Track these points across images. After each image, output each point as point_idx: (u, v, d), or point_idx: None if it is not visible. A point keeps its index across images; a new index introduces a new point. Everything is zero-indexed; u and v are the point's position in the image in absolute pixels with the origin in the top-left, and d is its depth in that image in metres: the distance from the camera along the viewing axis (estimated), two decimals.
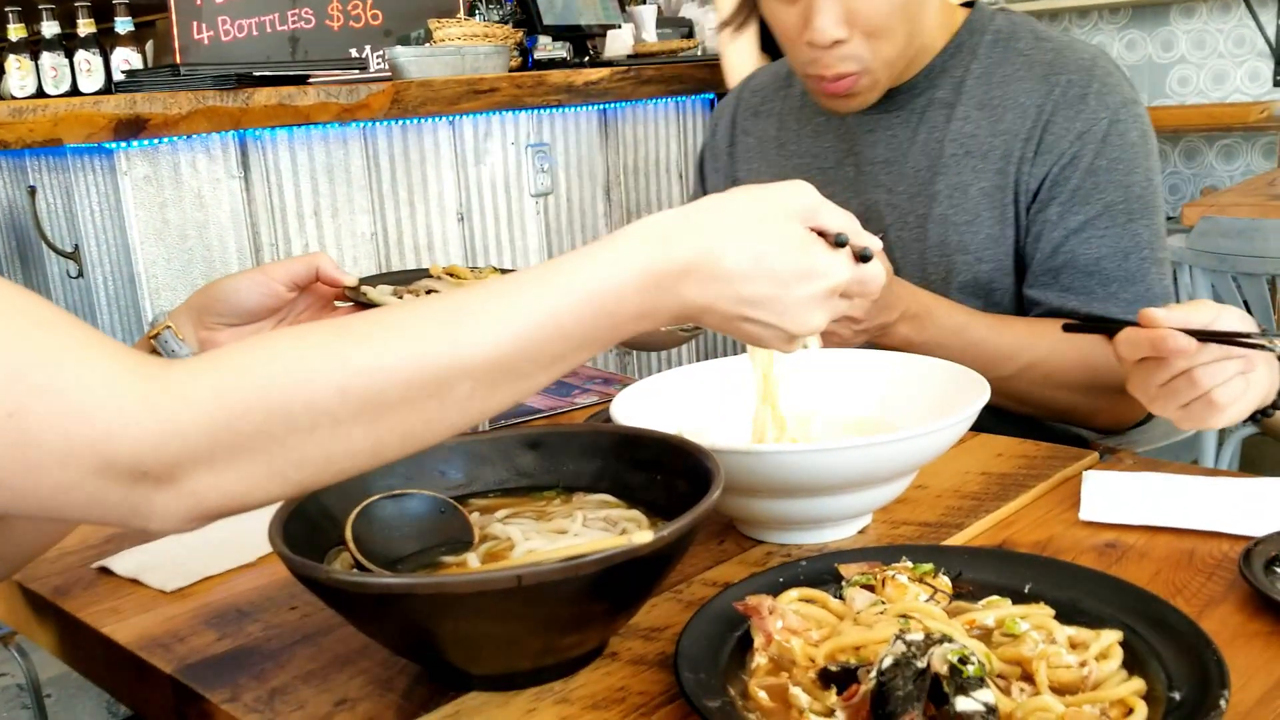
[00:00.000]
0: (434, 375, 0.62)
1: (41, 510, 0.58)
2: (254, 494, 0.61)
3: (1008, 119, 1.32)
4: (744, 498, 0.93)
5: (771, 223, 0.70)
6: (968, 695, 0.63)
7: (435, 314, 0.64)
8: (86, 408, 0.56)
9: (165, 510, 0.59)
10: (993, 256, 1.33)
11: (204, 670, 0.82)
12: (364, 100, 2.40)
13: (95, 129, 2.11)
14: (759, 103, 1.56)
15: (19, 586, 1.00)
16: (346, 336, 0.62)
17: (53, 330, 0.58)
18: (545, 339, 0.65)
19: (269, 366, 0.60)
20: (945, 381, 1.03)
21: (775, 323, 0.71)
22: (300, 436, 0.60)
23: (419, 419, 0.63)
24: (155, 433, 0.57)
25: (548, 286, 0.65)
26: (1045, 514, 1.00)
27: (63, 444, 0.56)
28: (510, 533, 0.83)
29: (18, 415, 0.55)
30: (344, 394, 0.61)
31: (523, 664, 0.76)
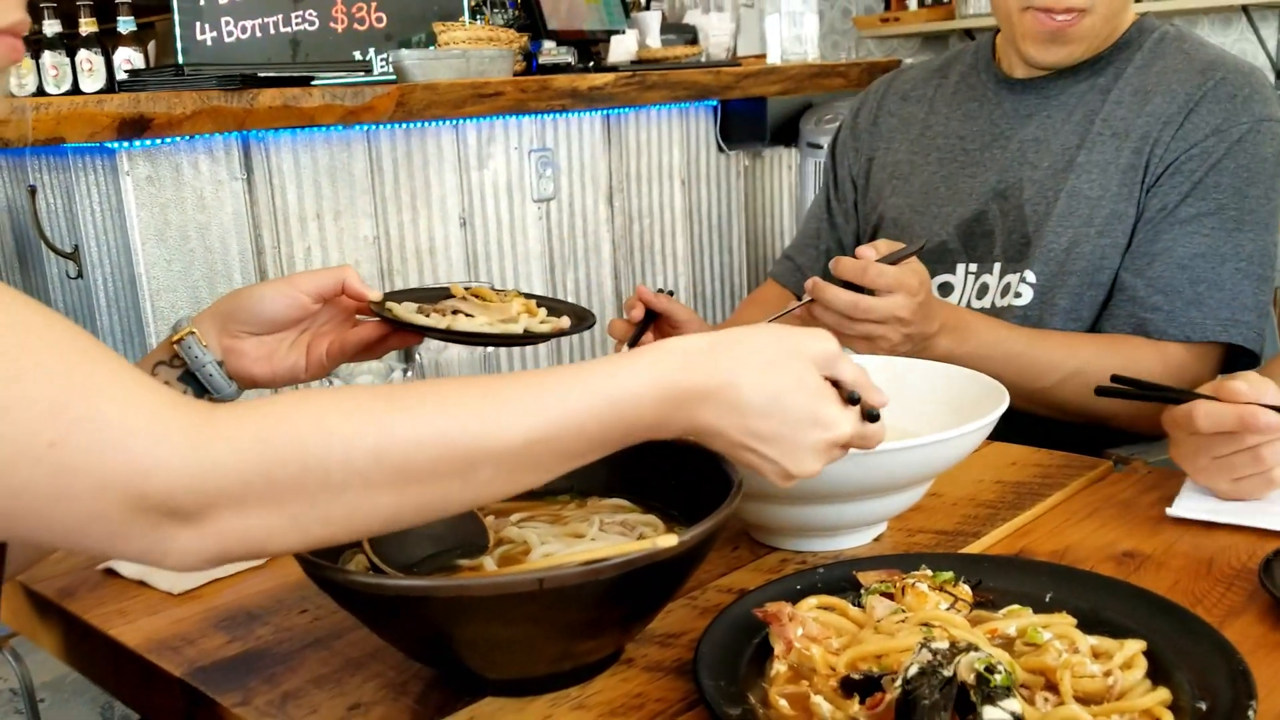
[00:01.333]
0: (463, 455, 0.64)
1: (64, 541, 0.59)
2: (273, 542, 0.62)
3: (1155, 101, 1.35)
4: (760, 504, 0.92)
5: (791, 365, 0.73)
6: (995, 705, 0.63)
7: (473, 396, 0.66)
8: (126, 441, 0.57)
9: (184, 549, 0.60)
10: (1111, 233, 1.35)
11: (214, 673, 0.81)
12: (369, 103, 2.40)
13: (98, 128, 2.10)
14: (909, 89, 1.61)
15: (23, 588, 0.99)
16: (388, 404, 0.64)
17: (95, 363, 0.59)
18: (567, 437, 0.67)
19: (313, 421, 0.61)
20: (962, 389, 1.02)
21: (776, 459, 0.73)
22: (331, 494, 0.62)
23: (439, 494, 0.65)
24: (193, 471, 0.58)
25: (575, 388, 0.68)
26: (1062, 523, 0.99)
27: (100, 474, 0.57)
28: (526, 536, 0.83)
29: (59, 446, 0.56)
30: (379, 460, 0.62)
31: (539, 669, 0.75)
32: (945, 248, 1.46)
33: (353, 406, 0.63)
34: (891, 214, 1.52)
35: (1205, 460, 0.97)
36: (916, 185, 1.51)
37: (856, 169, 1.61)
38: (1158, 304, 1.31)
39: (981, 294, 1.43)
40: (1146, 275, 1.32)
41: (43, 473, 0.56)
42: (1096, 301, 1.36)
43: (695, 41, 3.41)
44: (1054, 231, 1.37)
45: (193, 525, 0.59)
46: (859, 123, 1.64)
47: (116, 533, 0.58)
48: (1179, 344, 1.30)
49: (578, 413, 0.67)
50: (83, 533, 0.58)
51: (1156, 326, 1.30)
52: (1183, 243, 1.31)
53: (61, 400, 0.56)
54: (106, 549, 0.60)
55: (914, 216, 1.49)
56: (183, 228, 2.33)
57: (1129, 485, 1.07)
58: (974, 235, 1.44)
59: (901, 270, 1.14)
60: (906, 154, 1.55)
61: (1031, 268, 1.38)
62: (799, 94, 3.22)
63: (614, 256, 3.07)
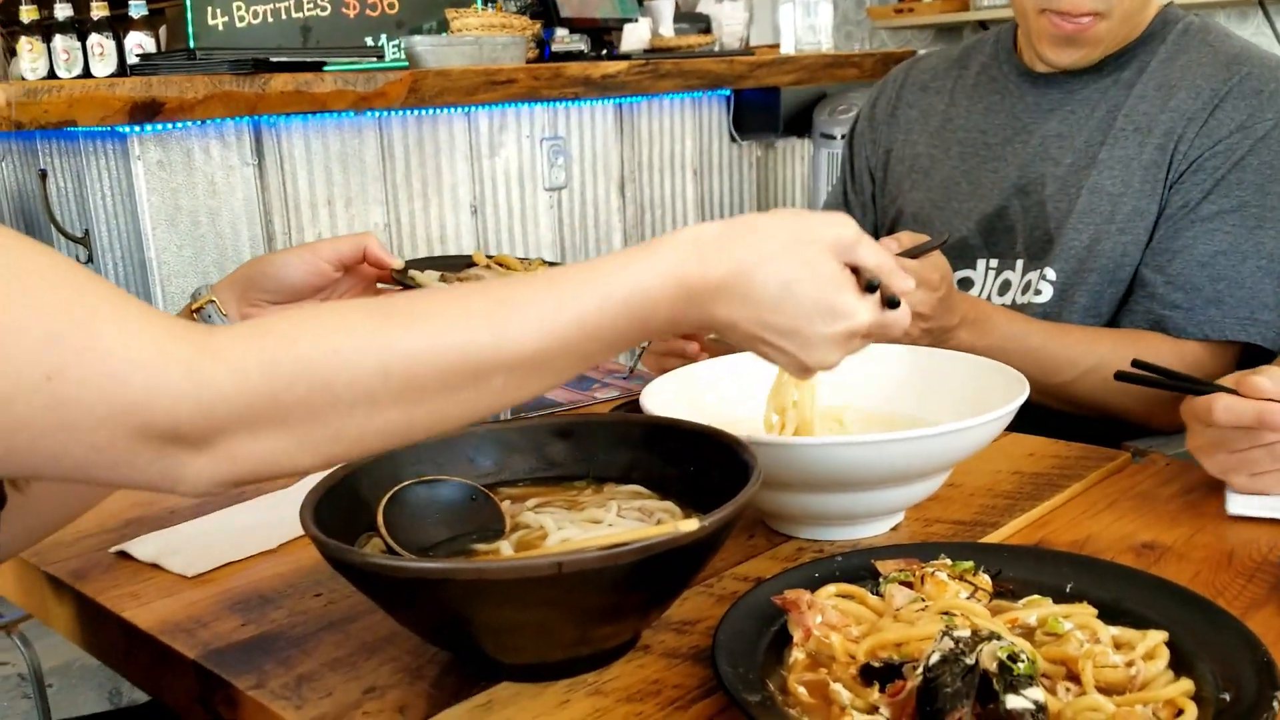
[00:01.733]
0: (474, 366, 0.63)
1: (70, 473, 0.58)
2: (285, 463, 0.62)
3: (1179, 97, 1.34)
4: (776, 491, 0.91)
5: (807, 253, 0.71)
6: (1018, 693, 0.62)
7: (478, 305, 0.65)
8: (126, 370, 0.56)
9: (197, 474, 0.59)
10: (1133, 229, 1.34)
11: (229, 656, 0.80)
12: (381, 89, 2.39)
13: (110, 111, 2.10)
14: (929, 79, 1.59)
15: (35, 569, 0.99)
16: (392, 319, 0.63)
17: (89, 294, 0.57)
18: (580, 339, 0.66)
19: (316, 342, 0.61)
20: (981, 379, 1.01)
21: (794, 352, 0.72)
22: (339, 413, 0.61)
23: (453, 406, 0.64)
24: (196, 397, 0.57)
25: (585, 289, 0.66)
26: (1080, 514, 0.98)
27: (100, 406, 0.56)
28: (543, 521, 0.82)
29: (56, 379, 0.55)
30: (386, 377, 0.61)
31: (556, 654, 0.74)
32: (966, 243, 1.45)
33: (356, 323, 0.62)
34: (911, 208, 1.51)
35: (1222, 454, 0.96)
36: (937, 179, 1.50)
37: (874, 161, 1.60)
38: (1177, 301, 1.30)
39: (1004, 290, 1.42)
40: (1167, 272, 1.31)
41: (41, 406, 0.55)
42: (1116, 298, 1.35)
43: (709, 30, 3.40)
44: (1075, 229, 1.36)
45: (202, 450, 0.59)
46: (877, 113, 1.62)
47: (123, 462, 0.58)
48: (1197, 342, 1.29)
49: (590, 315, 0.66)
50: (89, 464, 0.57)
51: (1175, 324, 1.30)
52: (1204, 240, 1.30)
53: (56, 331, 0.55)
54: (115, 479, 0.59)
55: (934, 211, 1.48)
56: (193, 213, 2.33)
57: (1148, 477, 1.06)
58: (995, 231, 1.43)
59: (922, 265, 1.13)
60: (926, 147, 1.53)
61: (1052, 265, 1.37)
62: (813, 84, 3.21)
63: (625, 246, 3.06)
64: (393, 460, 0.84)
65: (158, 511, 1.09)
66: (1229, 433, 0.95)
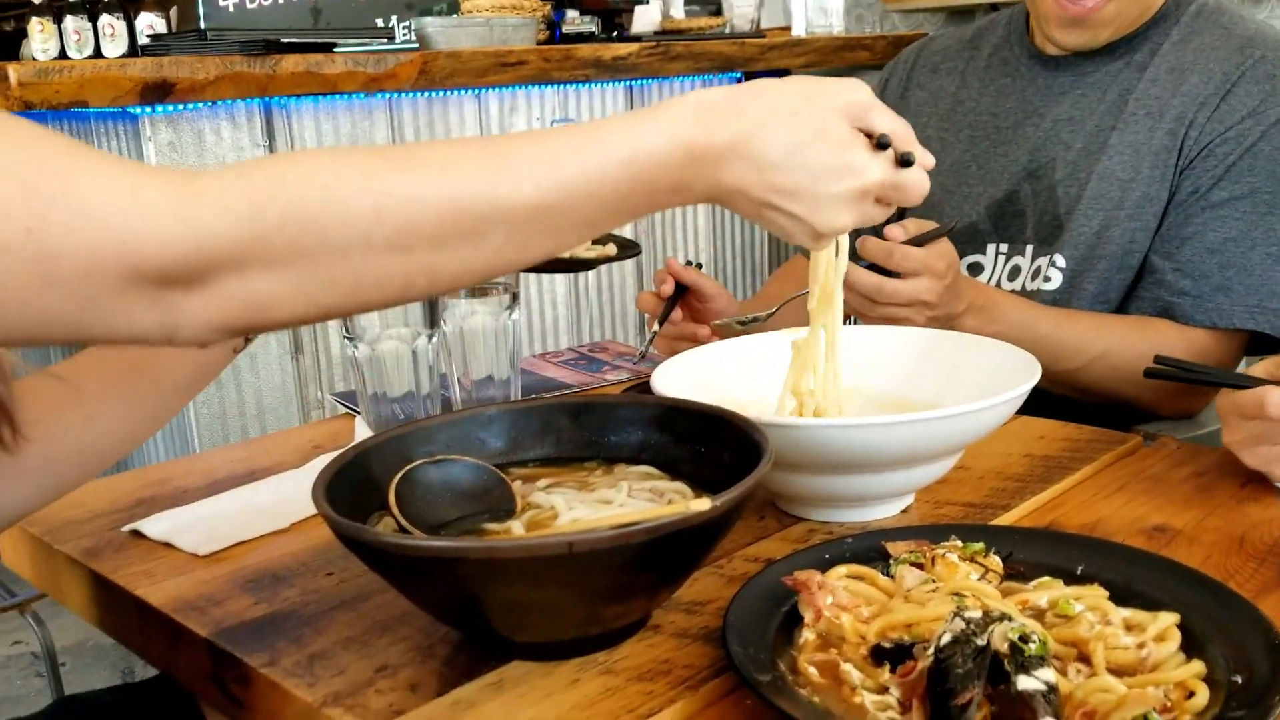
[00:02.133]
0: (470, 216, 0.62)
1: (67, 333, 0.57)
2: (281, 308, 0.60)
3: (1191, 81, 1.32)
4: (787, 473, 0.91)
5: (815, 114, 0.69)
6: (1029, 674, 0.62)
7: (476, 155, 0.63)
8: (108, 215, 0.55)
9: (194, 317, 0.58)
10: (1142, 215, 1.33)
11: (241, 634, 0.81)
12: (391, 70, 2.39)
13: (121, 92, 2.10)
14: (939, 61, 1.58)
15: (49, 548, 0.99)
16: (386, 163, 0.61)
17: (66, 148, 0.56)
18: (583, 198, 0.64)
19: (306, 181, 0.59)
20: (992, 362, 1.01)
21: (803, 216, 0.70)
22: (332, 255, 0.59)
23: (451, 258, 0.63)
24: (185, 238, 0.56)
25: (590, 147, 0.64)
26: (1091, 497, 0.98)
27: (85, 254, 0.54)
28: (554, 501, 0.82)
29: (36, 231, 0.53)
30: (379, 218, 0.60)
31: (566, 633, 0.74)
32: (975, 228, 1.44)
33: (348, 163, 0.60)
34: None
35: (1264, 447, 0.95)
36: (946, 163, 1.49)
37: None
38: (1185, 288, 1.29)
39: (1013, 276, 1.41)
40: (1176, 259, 1.30)
41: (23, 261, 0.53)
42: (1125, 285, 1.35)
43: (720, 12, 3.38)
44: (1084, 214, 1.35)
45: (195, 291, 0.57)
46: (887, 95, 1.61)
47: (117, 311, 0.56)
48: (1205, 329, 1.28)
49: (594, 174, 0.64)
50: (83, 320, 0.56)
51: (1183, 311, 1.29)
52: (1213, 227, 1.29)
53: (32, 181, 0.53)
54: (112, 333, 0.58)
55: (944, 196, 1.47)
56: None
57: (1158, 460, 1.06)
58: (1005, 215, 1.42)
59: (928, 253, 1.13)
60: (936, 130, 1.52)
61: (1062, 251, 1.36)
62: (823, 67, 3.19)
63: (634, 230, 3.05)
64: (404, 440, 0.85)
65: (170, 490, 1.09)
66: (1266, 425, 0.94)
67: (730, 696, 0.72)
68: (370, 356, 1.12)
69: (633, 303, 2.97)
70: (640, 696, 0.70)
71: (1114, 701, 0.63)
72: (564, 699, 0.71)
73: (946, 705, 0.61)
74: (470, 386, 1.19)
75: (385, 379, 1.14)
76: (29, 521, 1.03)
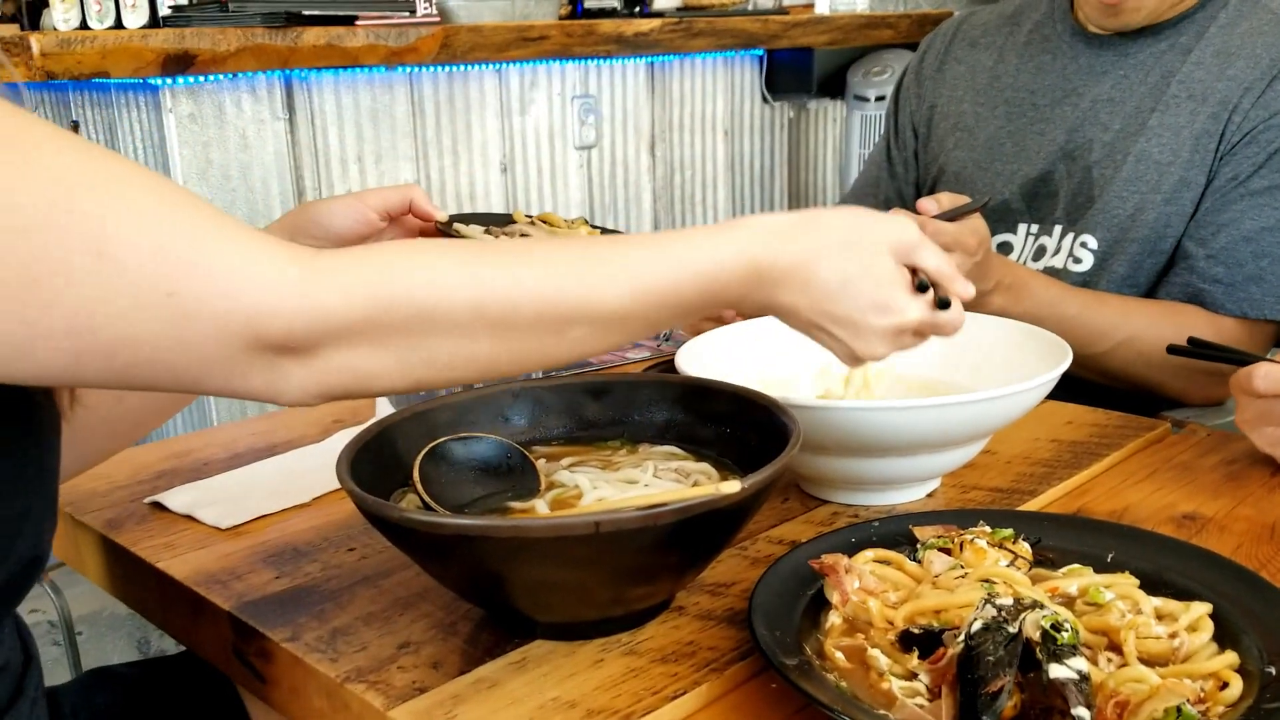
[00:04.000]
0: (560, 312, 0.68)
1: (185, 384, 0.61)
2: (381, 380, 0.65)
3: (1237, 65, 1.30)
4: (812, 455, 0.90)
5: (866, 251, 0.75)
6: (1061, 663, 0.61)
7: (571, 258, 0.69)
8: (242, 286, 0.59)
9: (300, 383, 0.63)
10: (1179, 200, 1.31)
11: (263, 608, 0.81)
12: (413, 44, 2.37)
13: (142, 63, 2.09)
14: (979, 35, 1.56)
15: (70, 518, 0.99)
16: (491, 258, 0.68)
17: (197, 209, 0.60)
18: (657, 303, 0.70)
19: (416, 272, 0.64)
20: (1022, 345, 1.00)
21: (847, 341, 0.76)
22: (434, 339, 0.65)
23: (536, 347, 0.68)
24: (306, 311, 0.61)
25: (665, 257, 0.71)
26: (1120, 483, 0.97)
27: (218, 321, 0.59)
28: (578, 480, 0.82)
29: (178, 295, 0.57)
30: (479, 311, 0.65)
31: (590, 614, 0.74)
32: (1008, 206, 1.42)
33: (457, 259, 0.66)
34: (954, 167, 1.48)
35: (1271, 428, 0.95)
36: (981, 139, 1.47)
37: (919, 116, 1.57)
38: (1218, 276, 1.27)
39: (1039, 255, 1.39)
40: (1210, 246, 1.28)
41: (164, 321, 0.57)
42: (1156, 269, 1.33)
43: None
44: (1119, 196, 1.33)
45: (307, 361, 0.62)
46: (924, 68, 1.59)
47: (235, 372, 0.61)
48: (1234, 319, 1.27)
49: (669, 282, 0.70)
50: (204, 375, 0.61)
51: (1214, 299, 1.27)
52: (1250, 215, 1.27)
53: (177, 249, 0.57)
54: (225, 388, 0.62)
55: (977, 172, 1.46)
56: (225, 167, 2.32)
57: (1187, 448, 1.05)
58: (1038, 196, 1.40)
59: (960, 229, 1.11)
60: (972, 105, 1.50)
61: (1093, 233, 1.34)
62: (847, 45, 3.16)
63: (654, 207, 3.04)
64: (427, 417, 0.84)
65: (191, 463, 1.09)
66: (1275, 405, 0.93)
67: (755, 680, 0.71)
68: None
69: None
70: (665, 678, 0.70)
71: (1147, 692, 0.62)
72: (588, 679, 0.70)
73: (977, 693, 0.61)
74: None
75: None
76: None
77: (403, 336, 0.64)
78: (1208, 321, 1.26)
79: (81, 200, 0.55)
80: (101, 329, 0.56)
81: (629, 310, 0.69)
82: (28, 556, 0.66)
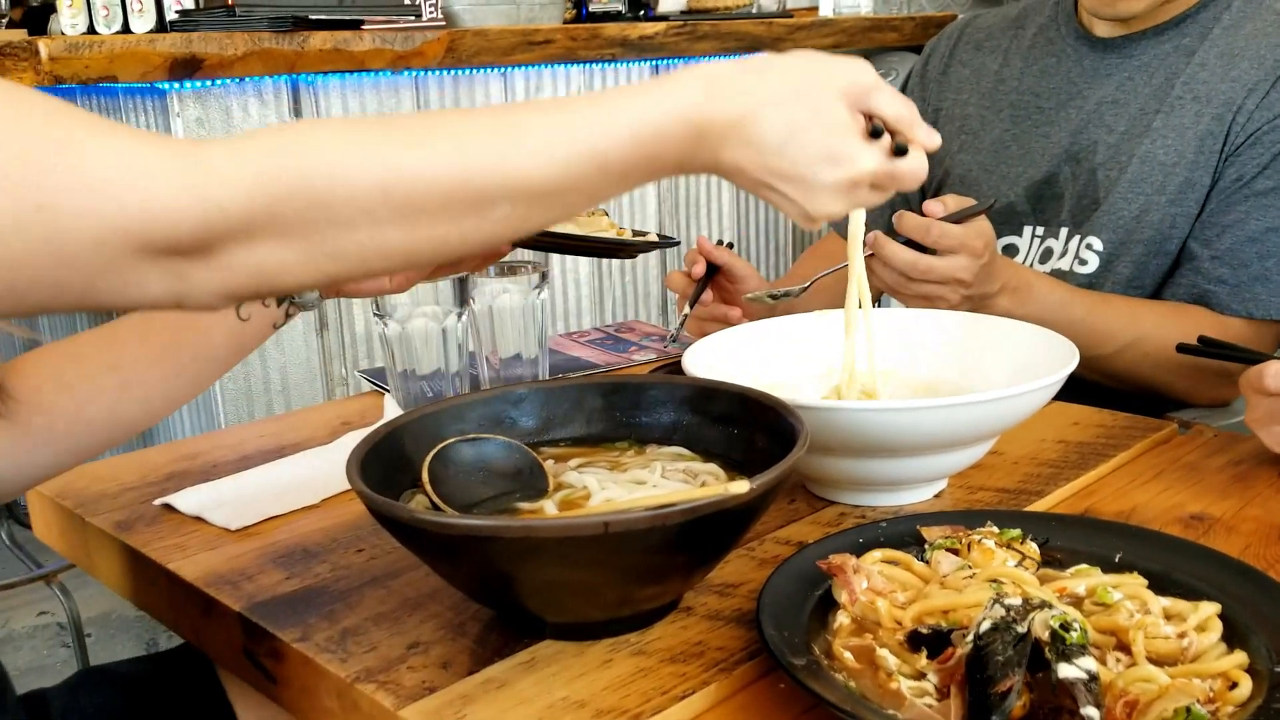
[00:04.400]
0: (477, 191, 0.62)
1: (76, 302, 0.57)
2: (287, 276, 0.61)
3: (1241, 67, 1.30)
4: (819, 456, 0.91)
5: (815, 97, 0.69)
6: (1070, 663, 0.61)
7: (484, 126, 0.63)
8: (118, 189, 0.54)
9: (202, 285, 0.59)
10: (1183, 201, 1.31)
11: (274, 609, 0.81)
12: (419, 48, 2.38)
13: (150, 68, 2.10)
14: (983, 38, 1.56)
15: (80, 520, 1.00)
16: (394, 136, 0.62)
17: (67, 118, 0.55)
18: (588, 171, 0.64)
19: (313, 155, 0.59)
20: (1029, 346, 1.00)
21: (796, 199, 0.71)
22: (338, 229, 0.60)
23: (455, 230, 0.63)
24: (192, 209, 0.56)
25: (595, 119, 0.65)
26: (1127, 484, 0.97)
27: (95, 229, 0.54)
28: (586, 481, 0.82)
29: (47, 208, 0.53)
30: (386, 195, 0.60)
31: (598, 614, 0.74)
32: (1013, 209, 1.42)
33: (356, 138, 0.61)
34: (959, 170, 1.49)
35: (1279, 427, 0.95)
36: (986, 142, 1.47)
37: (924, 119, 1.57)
38: (1223, 276, 1.28)
39: (1045, 258, 1.40)
40: (1214, 247, 1.28)
41: (37, 239, 0.53)
42: (1161, 270, 1.33)
43: None
44: (1124, 198, 1.33)
45: (202, 261, 0.58)
46: (929, 71, 1.60)
47: (127, 282, 0.57)
48: (1240, 319, 1.27)
49: (600, 146, 0.64)
50: (93, 289, 0.56)
51: (1219, 300, 1.28)
52: (1255, 216, 1.27)
53: (39, 158, 0.53)
54: (123, 301, 0.58)
55: (982, 175, 1.46)
56: None
57: (1195, 448, 1.05)
58: (1044, 198, 1.41)
59: (966, 231, 1.11)
60: (977, 108, 1.51)
61: (1099, 234, 1.35)
62: (851, 48, 3.16)
63: (659, 210, 3.04)
64: (436, 418, 0.84)
65: (200, 465, 1.10)
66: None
67: (764, 680, 0.71)
68: (400, 334, 1.12)
69: (656, 283, 2.95)
70: (673, 678, 0.70)
71: (1156, 692, 0.62)
72: (596, 679, 0.70)
73: (986, 693, 0.61)
74: (498, 365, 1.19)
75: (414, 356, 1.14)
76: (60, 494, 1.03)
77: (304, 228, 0.58)
78: (1214, 322, 1.26)
79: None
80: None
81: (557, 183, 0.63)
82: None
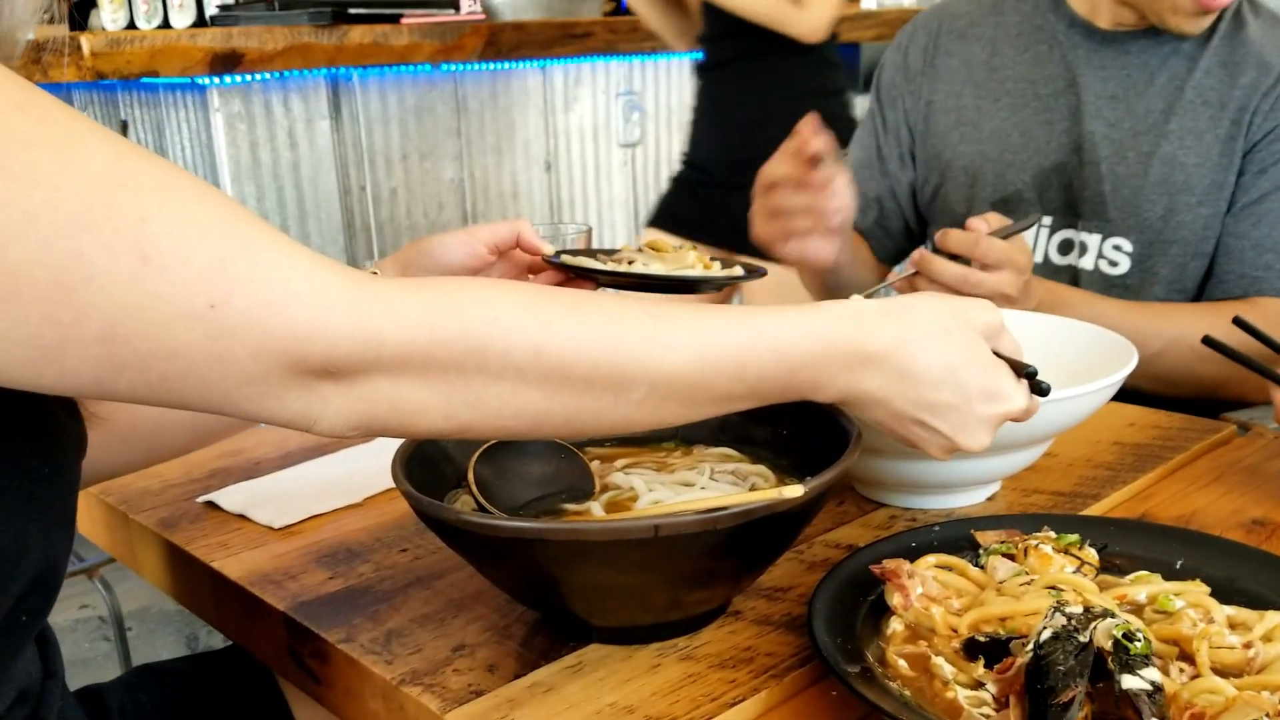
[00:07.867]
0: (621, 368, 0.63)
1: (215, 404, 0.57)
2: (422, 417, 0.61)
3: (1249, 74, 1.32)
4: (870, 457, 0.89)
5: (964, 336, 0.71)
6: (1134, 673, 0.60)
7: (635, 311, 0.65)
8: (289, 302, 0.55)
9: (337, 411, 0.59)
10: (1213, 202, 1.32)
11: (318, 609, 0.80)
12: (458, 41, 2.38)
13: (190, 62, 2.11)
14: (965, 26, 1.53)
15: (125, 517, 1.00)
16: (552, 304, 0.63)
17: (249, 224, 0.56)
18: (724, 372, 0.66)
19: (478, 306, 0.60)
20: (1086, 346, 0.98)
21: (947, 433, 0.72)
22: (485, 380, 0.61)
23: (591, 405, 0.64)
24: (355, 333, 0.57)
25: (740, 326, 0.66)
26: (1185, 487, 0.95)
27: (260, 338, 0.55)
28: (633, 483, 0.81)
29: (220, 307, 0.53)
30: (538, 355, 0.61)
31: (646, 618, 0.73)
32: (1020, 197, 1.41)
33: (520, 298, 0.62)
34: (962, 161, 1.46)
35: None
36: (986, 131, 1.45)
37: (914, 113, 1.53)
38: (1269, 262, 1.29)
39: (1065, 250, 1.39)
40: (1252, 237, 1.30)
41: (202, 334, 0.53)
42: (1201, 271, 1.34)
43: None
44: (1148, 200, 1.33)
45: (347, 387, 0.58)
46: (910, 63, 1.55)
47: (271, 395, 0.57)
48: None
49: (738, 350, 0.65)
50: (237, 396, 0.56)
51: (1271, 285, 1.28)
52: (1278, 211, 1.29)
53: (222, 258, 0.54)
54: (259, 412, 0.58)
55: (986, 164, 1.44)
56: (272, 166, 2.34)
57: (1254, 450, 1.03)
58: (1051, 187, 1.40)
59: (1011, 246, 1.12)
60: (972, 98, 1.48)
61: (1126, 236, 1.35)
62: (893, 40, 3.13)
63: None
64: None
65: (243, 462, 1.09)
66: None
67: (815, 687, 0.70)
68: None
69: None
70: (723, 684, 0.69)
71: (1223, 704, 0.60)
72: (645, 684, 0.69)
73: (1046, 704, 0.59)
74: None
75: None
76: (104, 490, 1.03)
77: (453, 373, 0.60)
78: (1252, 309, 1.25)
79: (123, 201, 0.52)
80: (136, 337, 0.52)
81: (692, 377, 0.65)
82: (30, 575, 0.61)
